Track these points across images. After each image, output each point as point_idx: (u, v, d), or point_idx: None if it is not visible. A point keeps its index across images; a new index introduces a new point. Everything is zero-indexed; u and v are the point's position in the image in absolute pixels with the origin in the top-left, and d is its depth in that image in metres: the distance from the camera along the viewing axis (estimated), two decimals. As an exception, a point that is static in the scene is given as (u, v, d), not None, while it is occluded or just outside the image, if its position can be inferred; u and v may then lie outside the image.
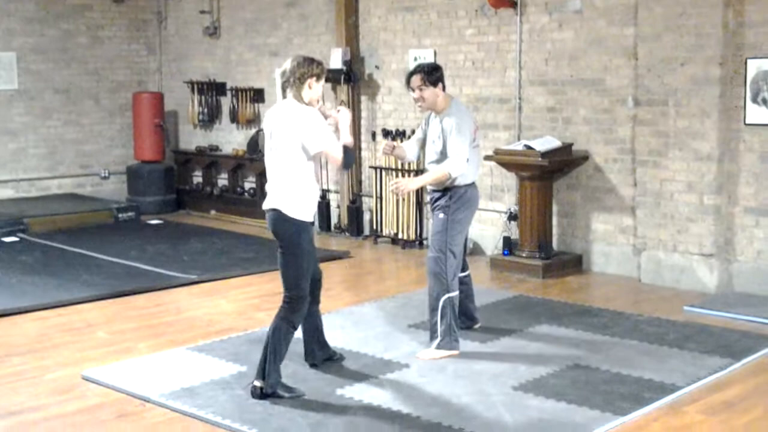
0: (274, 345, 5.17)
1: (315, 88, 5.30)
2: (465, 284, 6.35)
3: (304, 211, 5.20)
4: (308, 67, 5.30)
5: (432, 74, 6.03)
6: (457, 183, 5.98)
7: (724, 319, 6.80)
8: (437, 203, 6.07)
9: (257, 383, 5.20)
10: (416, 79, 6.05)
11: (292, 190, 5.16)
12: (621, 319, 6.81)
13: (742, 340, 6.28)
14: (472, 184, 6.10)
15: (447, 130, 5.96)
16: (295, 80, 5.28)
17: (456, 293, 5.99)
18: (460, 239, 6.04)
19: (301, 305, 5.24)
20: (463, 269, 6.28)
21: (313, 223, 5.35)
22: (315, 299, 5.58)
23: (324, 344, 5.79)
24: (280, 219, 5.17)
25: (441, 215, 6.01)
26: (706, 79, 7.44)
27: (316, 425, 4.82)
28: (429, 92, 6.03)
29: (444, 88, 6.11)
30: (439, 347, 5.93)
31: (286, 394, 5.19)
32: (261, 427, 4.79)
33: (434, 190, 6.11)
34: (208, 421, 4.93)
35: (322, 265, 5.80)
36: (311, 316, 5.59)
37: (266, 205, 5.26)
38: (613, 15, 8.14)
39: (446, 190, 6.01)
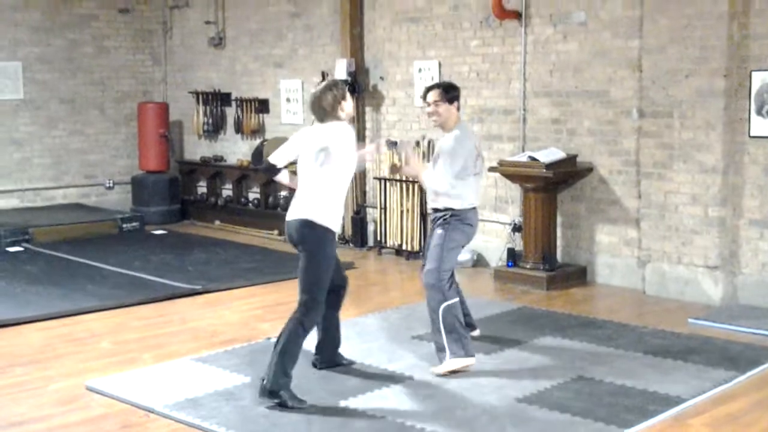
0: (285, 346, 5.24)
1: (347, 107, 5.51)
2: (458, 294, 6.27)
3: (333, 220, 5.39)
4: (337, 91, 5.49)
5: (450, 92, 6.13)
6: (456, 206, 6.00)
7: (728, 332, 6.78)
8: (437, 221, 6.09)
9: (265, 381, 5.25)
10: (434, 94, 6.11)
11: (324, 201, 5.36)
12: (625, 331, 6.79)
13: (746, 352, 6.26)
14: (473, 210, 6.11)
15: (442, 151, 6.04)
16: (330, 108, 5.45)
17: (455, 300, 5.94)
18: (455, 255, 6.06)
19: (316, 310, 5.35)
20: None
21: (336, 234, 5.49)
22: (336, 305, 5.80)
23: (337, 348, 5.94)
24: (306, 225, 5.32)
25: (439, 230, 6.03)
26: (711, 91, 7.44)
27: (319, 437, 4.81)
28: (444, 108, 6.09)
29: (458, 108, 6.17)
30: (453, 357, 5.84)
31: (290, 402, 5.20)
32: (265, 439, 4.79)
33: (435, 210, 6.13)
34: (212, 432, 4.93)
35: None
36: (332, 318, 5.79)
37: (293, 216, 5.40)
38: (617, 27, 8.15)
39: (447, 210, 6.03)
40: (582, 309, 7.54)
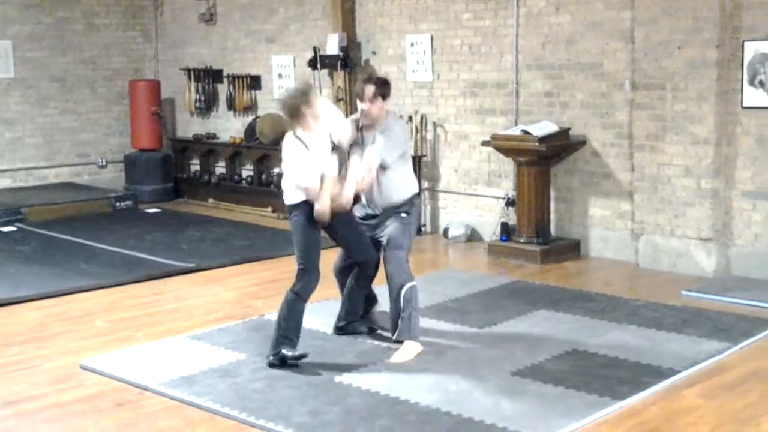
0: (283, 314, 5.54)
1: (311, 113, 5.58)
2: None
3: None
4: (301, 98, 5.58)
5: (387, 87, 6.04)
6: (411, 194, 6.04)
7: (721, 303, 6.80)
8: (400, 208, 5.99)
9: (271, 357, 5.51)
10: (373, 91, 5.95)
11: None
12: (619, 304, 6.81)
13: (739, 323, 6.29)
14: (418, 194, 6.20)
15: (383, 138, 5.91)
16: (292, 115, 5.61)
17: (414, 283, 5.83)
18: (412, 238, 6.08)
19: (309, 278, 5.55)
20: None
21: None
22: (359, 278, 5.99)
23: (357, 316, 6.17)
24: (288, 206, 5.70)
25: (404, 215, 5.96)
26: (704, 62, 7.42)
27: (314, 412, 4.82)
28: (378, 106, 5.97)
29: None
30: (409, 340, 5.76)
31: (289, 353, 5.47)
32: (259, 415, 4.80)
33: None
34: (207, 408, 4.94)
35: (322, 253, 5.81)
36: (356, 290, 6.04)
37: None
38: (609, -1, 8.12)
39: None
40: (576, 282, 7.56)
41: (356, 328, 6.14)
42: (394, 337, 5.82)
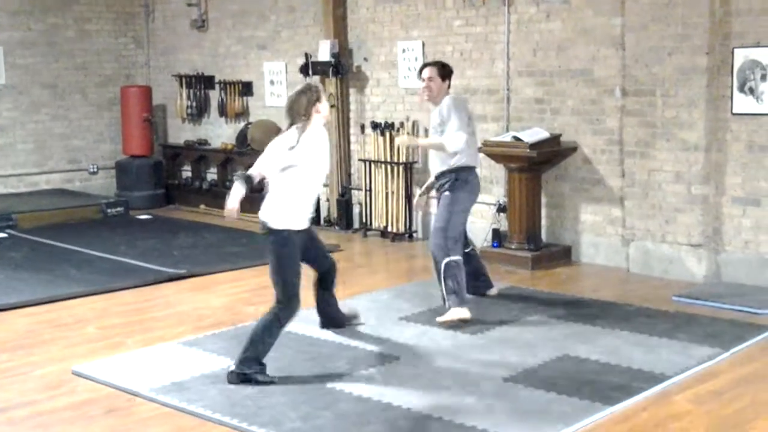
0: (259, 335, 5.40)
1: (322, 109, 5.60)
2: (473, 257, 7.07)
3: (295, 221, 5.57)
4: (311, 94, 5.57)
5: (446, 68, 6.77)
6: (459, 164, 6.55)
7: (712, 309, 6.82)
8: (444, 186, 6.65)
9: (232, 368, 5.39)
10: (432, 70, 6.69)
11: (285, 205, 5.57)
12: (610, 310, 6.83)
13: (730, 329, 6.31)
14: (473, 170, 6.74)
15: (444, 113, 6.57)
16: (304, 112, 5.54)
17: (458, 257, 6.48)
18: (463, 218, 6.68)
19: (292, 306, 5.47)
20: (467, 244, 6.95)
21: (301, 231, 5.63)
22: (328, 286, 6.27)
23: (339, 324, 6.40)
24: (271, 231, 5.55)
25: (447, 193, 6.61)
26: (693, 68, 7.46)
27: (306, 417, 4.82)
28: (437, 84, 6.69)
29: (449, 86, 6.79)
30: (454, 306, 6.42)
31: (260, 377, 5.35)
32: (251, 421, 4.79)
33: (440, 174, 6.67)
34: (198, 415, 4.93)
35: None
36: (327, 298, 6.32)
37: (260, 215, 5.65)
38: (600, 5, 8.14)
39: (451, 172, 6.60)
40: (567, 288, 7.57)
41: (343, 321, 6.41)
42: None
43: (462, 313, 6.41)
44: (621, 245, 8.19)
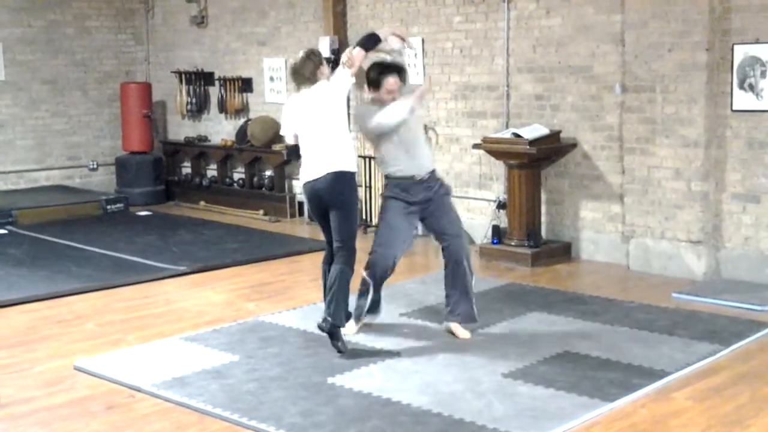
0: (340, 288, 5.77)
1: (325, 71, 6.03)
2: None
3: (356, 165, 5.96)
4: (315, 58, 6.04)
5: (405, 73, 6.26)
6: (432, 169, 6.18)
7: (712, 306, 6.83)
8: (437, 191, 6.12)
9: (329, 319, 5.73)
10: (396, 82, 6.12)
11: (350, 150, 5.90)
12: (610, 306, 6.83)
13: (730, 326, 6.31)
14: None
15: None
16: (311, 75, 5.96)
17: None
18: None
19: (355, 253, 5.87)
20: None
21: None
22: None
23: None
24: (344, 176, 5.77)
25: (447, 197, 6.22)
26: (693, 65, 7.46)
27: (306, 413, 4.83)
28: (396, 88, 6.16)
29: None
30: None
31: (339, 344, 5.75)
32: (252, 416, 4.80)
33: (422, 180, 6.05)
34: (199, 410, 4.94)
35: (314, 256, 5.86)
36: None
37: (327, 169, 5.76)
38: (599, 1, 8.14)
39: (434, 171, 6.18)
40: (567, 285, 7.58)
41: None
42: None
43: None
44: (621, 242, 8.19)
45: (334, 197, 5.77)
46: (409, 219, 6.07)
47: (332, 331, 5.74)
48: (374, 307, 6.25)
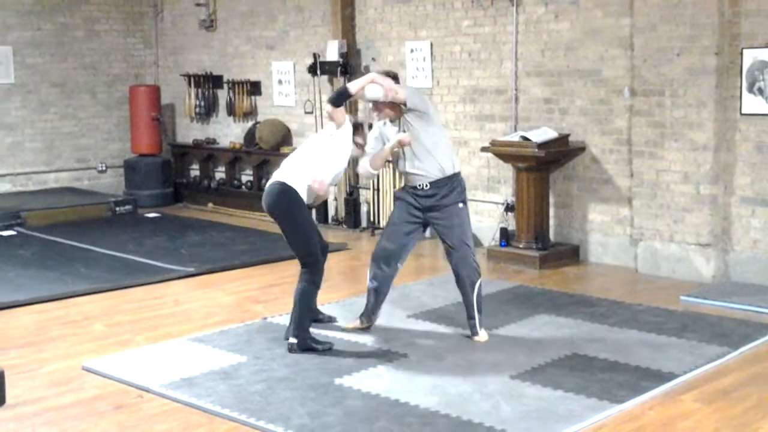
0: (302, 306, 5.81)
1: None
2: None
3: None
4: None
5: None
6: (456, 170, 6.15)
7: (720, 308, 6.82)
8: (449, 195, 6.06)
9: (292, 340, 5.82)
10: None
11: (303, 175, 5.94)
12: (618, 309, 6.82)
13: (738, 328, 6.30)
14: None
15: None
16: None
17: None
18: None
19: (318, 265, 5.89)
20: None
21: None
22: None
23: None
24: (282, 189, 5.90)
25: (461, 205, 6.09)
26: (703, 69, 7.45)
27: (314, 414, 4.83)
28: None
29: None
30: (482, 329, 6.18)
31: (319, 347, 5.83)
32: (260, 416, 4.80)
33: (434, 184, 6.05)
34: (207, 410, 4.94)
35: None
36: None
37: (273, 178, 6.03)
38: (608, 5, 8.14)
39: (449, 179, 6.07)
40: (575, 287, 7.57)
41: (320, 317, 6.50)
42: None
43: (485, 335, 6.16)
44: (629, 245, 8.18)
45: (271, 208, 5.97)
46: (413, 220, 6.13)
47: (304, 348, 5.80)
48: (368, 313, 6.33)
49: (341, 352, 5.83)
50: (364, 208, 10.35)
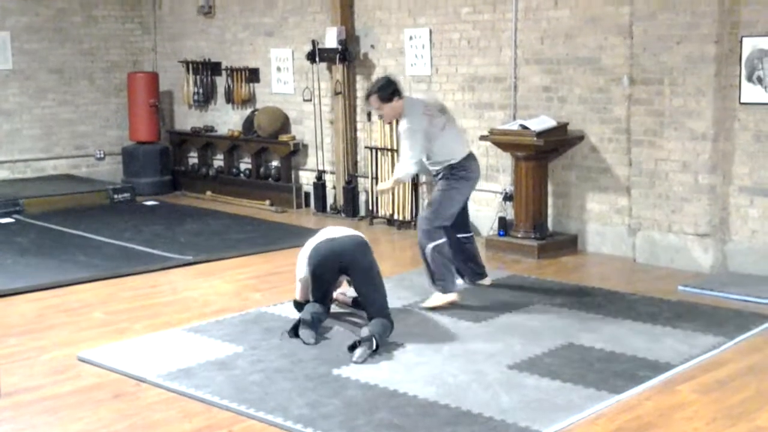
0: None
1: None
2: (471, 244, 7.09)
3: None
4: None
5: (385, 91, 6.66)
6: (450, 162, 6.70)
7: (718, 299, 6.82)
8: (439, 174, 6.78)
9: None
10: (374, 100, 6.71)
11: None
12: (616, 299, 6.83)
13: (736, 319, 6.31)
14: (468, 157, 6.81)
15: (402, 135, 6.69)
16: None
17: (442, 241, 6.64)
18: (454, 205, 6.74)
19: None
20: (467, 231, 7.07)
21: None
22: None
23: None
24: None
25: (442, 181, 6.74)
26: (702, 57, 7.43)
27: (313, 404, 4.83)
28: (387, 108, 6.71)
29: (400, 97, 6.70)
30: (437, 291, 6.61)
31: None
32: (258, 407, 4.81)
33: (436, 173, 6.80)
34: (205, 401, 4.95)
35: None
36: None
37: None
38: (608, -6, 8.12)
39: (444, 169, 6.74)
40: (573, 277, 7.57)
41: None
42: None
43: (448, 297, 6.58)
44: (627, 234, 8.18)
45: None
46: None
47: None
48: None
49: (339, 343, 5.83)
50: (362, 197, 10.34)
